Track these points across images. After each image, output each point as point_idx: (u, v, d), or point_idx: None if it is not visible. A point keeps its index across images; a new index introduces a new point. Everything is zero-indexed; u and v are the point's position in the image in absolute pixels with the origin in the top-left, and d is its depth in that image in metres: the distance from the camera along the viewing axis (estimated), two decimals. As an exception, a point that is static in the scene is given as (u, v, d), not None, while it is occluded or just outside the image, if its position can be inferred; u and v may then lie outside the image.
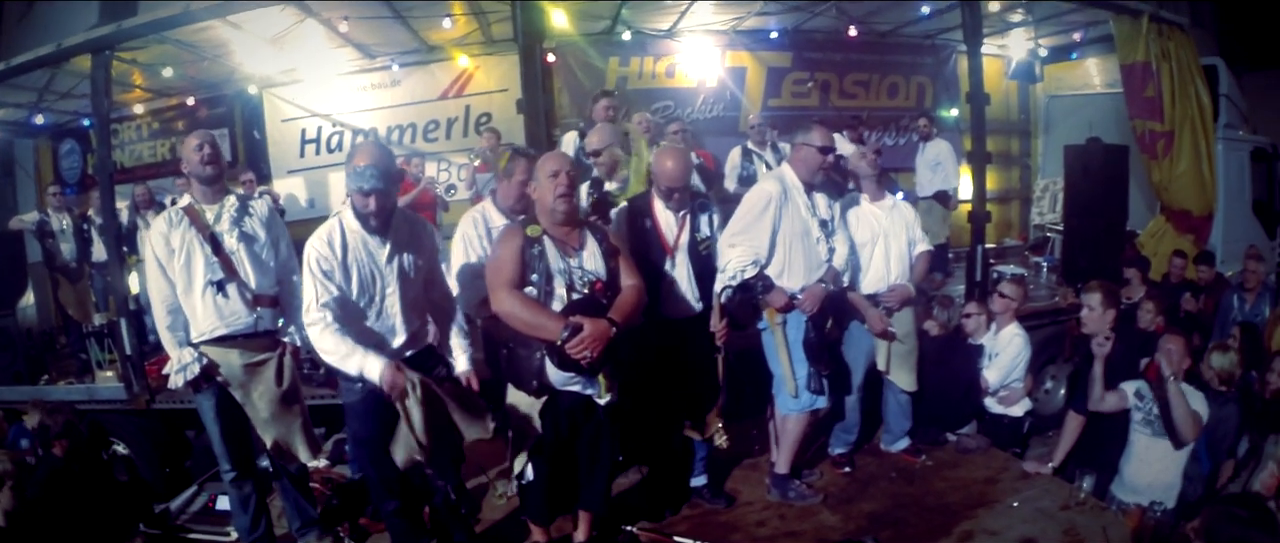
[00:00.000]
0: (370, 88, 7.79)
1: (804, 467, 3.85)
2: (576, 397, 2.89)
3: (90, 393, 5.93)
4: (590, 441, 3.02)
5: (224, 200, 3.27)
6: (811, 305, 3.41)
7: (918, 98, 8.54)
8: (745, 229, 3.37)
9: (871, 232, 3.83)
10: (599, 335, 2.65)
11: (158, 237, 3.17)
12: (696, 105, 8.18)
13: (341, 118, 7.83)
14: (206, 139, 3.26)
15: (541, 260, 2.78)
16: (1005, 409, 4.55)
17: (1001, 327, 4.56)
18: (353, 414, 3.01)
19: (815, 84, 8.24)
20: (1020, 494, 3.61)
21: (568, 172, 2.79)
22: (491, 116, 7.59)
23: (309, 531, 3.56)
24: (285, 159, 8.00)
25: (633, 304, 2.82)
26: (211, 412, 3.30)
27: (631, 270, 2.91)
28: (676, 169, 3.29)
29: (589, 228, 2.94)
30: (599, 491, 3.14)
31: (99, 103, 5.73)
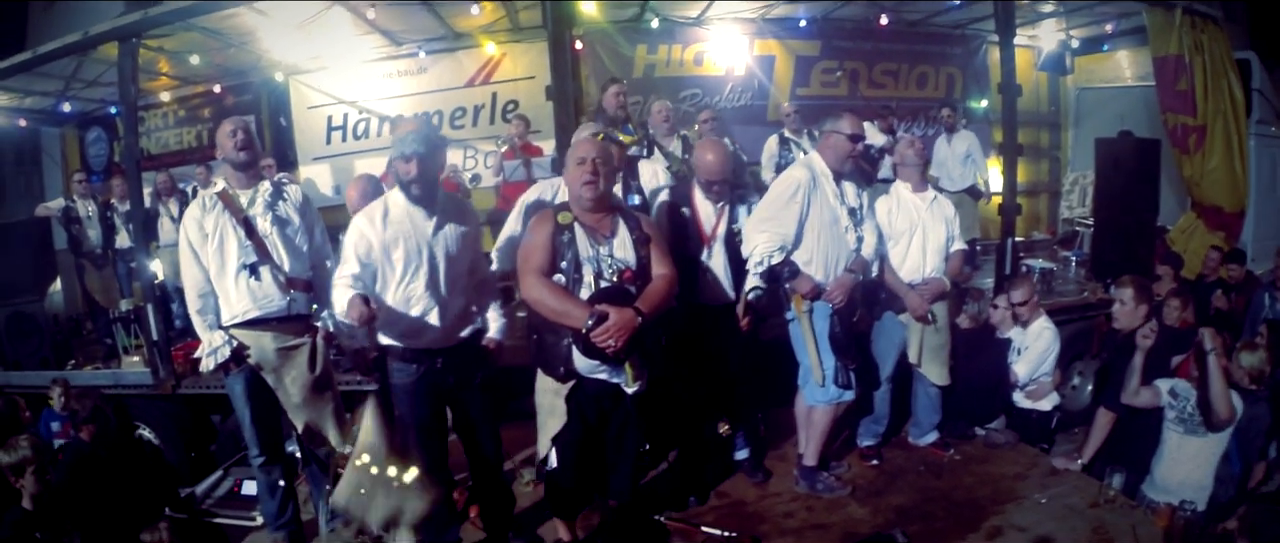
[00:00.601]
0: (397, 75, 7.77)
1: (831, 459, 3.82)
2: (603, 385, 2.84)
3: (116, 378, 5.98)
4: (617, 429, 2.98)
5: (258, 185, 3.29)
6: (840, 296, 3.37)
7: (947, 88, 8.42)
8: (772, 215, 3.34)
9: (910, 222, 3.78)
10: (624, 325, 2.60)
11: (191, 222, 3.20)
12: (724, 94, 8.12)
13: (368, 105, 7.81)
14: (240, 125, 3.27)
15: (571, 247, 2.75)
16: (1033, 404, 4.48)
17: (1030, 321, 4.50)
18: (403, 397, 3.04)
19: (844, 73, 8.16)
20: (1048, 491, 3.56)
21: (594, 159, 2.75)
22: (518, 104, 7.54)
23: (336, 517, 3.55)
24: (311, 146, 8.02)
25: (661, 294, 2.75)
26: (242, 395, 3.31)
27: (664, 259, 2.84)
28: (716, 162, 3.36)
29: (623, 215, 2.88)
30: (625, 480, 3.10)
31: (126, 90, 5.77)
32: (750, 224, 3.38)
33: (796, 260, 3.36)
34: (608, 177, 2.79)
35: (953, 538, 3.21)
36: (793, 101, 7.13)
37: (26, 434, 3.64)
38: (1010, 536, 3.20)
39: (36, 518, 3.40)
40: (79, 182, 7.41)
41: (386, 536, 3.36)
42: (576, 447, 2.94)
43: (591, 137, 2.97)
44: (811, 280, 3.36)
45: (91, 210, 7.19)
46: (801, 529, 3.37)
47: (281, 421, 3.44)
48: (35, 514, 3.40)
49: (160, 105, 8.83)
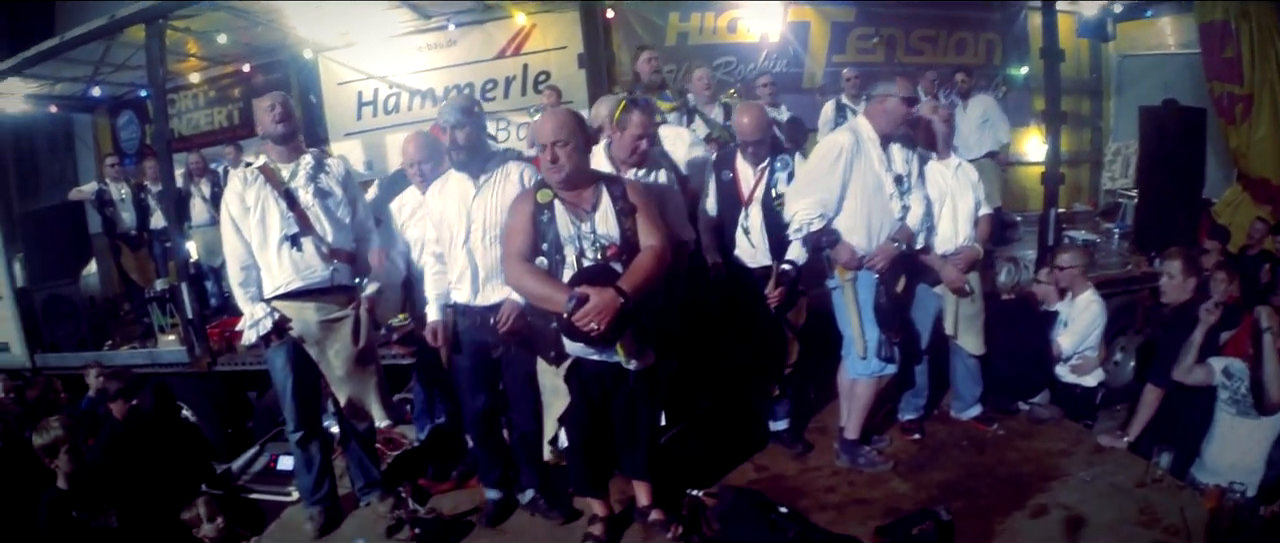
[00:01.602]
0: (426, 48, 7.68)
1: (873, 433, 3.73)
2: (602, 364, 2.78)
3: (153, 357, 6.07)
4: (624, 407, 2.91)
5: (299, 158, 3.29)
6: (882, 262, 3.29)
7: (986, 54, 8.18)
8: (814, 180, 3.27)
9: (939, 191, 3.67)
10: (603, 307, 2.50)
11: (232, 196, 3.21)
12: (758, 61, 7.92)
13: (398, 79, 7.75)
14: (278, 98, 3.27)
15: (551, 227, 2.69)
16: (1077, 378, 4.38)
17: (1076, 293, 4.38)
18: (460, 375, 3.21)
19: (881, 39, 7.94)
20: (1094, 469, 3.45)
21: (552, 143, 2.64)
22: (550, 74, 7.39)
23: (371, 491, 3.58)
24: (342, 122, 8.00)
25: (645, 269, 2.62)
26: (283, 368, 3.31)
27: (653, 229, 2.70)
28: (751, 124, 3.37)
29: (608, 184, 2.76)
30: (641, 458, 3.04)
31: (154, 72, 5.81)
32: (791, 189, 3.32)
33: (838, 228, 3.28)
34: (571, 155, 2.65)
35: (997, 516, 3.12)
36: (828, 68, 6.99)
37: (58, 415, 3.67)
38: (1056, 514, 3.11)
39: (73, 497, 3.45)
40: (111, 165, 7.54)
41: (420, 508, 3.41)
42: (583, 426, 2.91)
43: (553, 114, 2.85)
44: (851, 249, 3.28)
45: (125, 193, 7.30)
46: (843, 504, 3.30)
47: (319, 396, 3.45)
48: (71, 493, 3.45)
49: (190, 87, 8.89)
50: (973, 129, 6.53)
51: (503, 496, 3.41)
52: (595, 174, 2.82)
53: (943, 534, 2.95)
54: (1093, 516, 3.05)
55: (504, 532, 3.32)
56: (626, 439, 2.99)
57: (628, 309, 2.53)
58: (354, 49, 7.81)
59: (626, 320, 2.56)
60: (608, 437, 2.99)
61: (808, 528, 3.02)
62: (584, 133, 2.75)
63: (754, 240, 3.45)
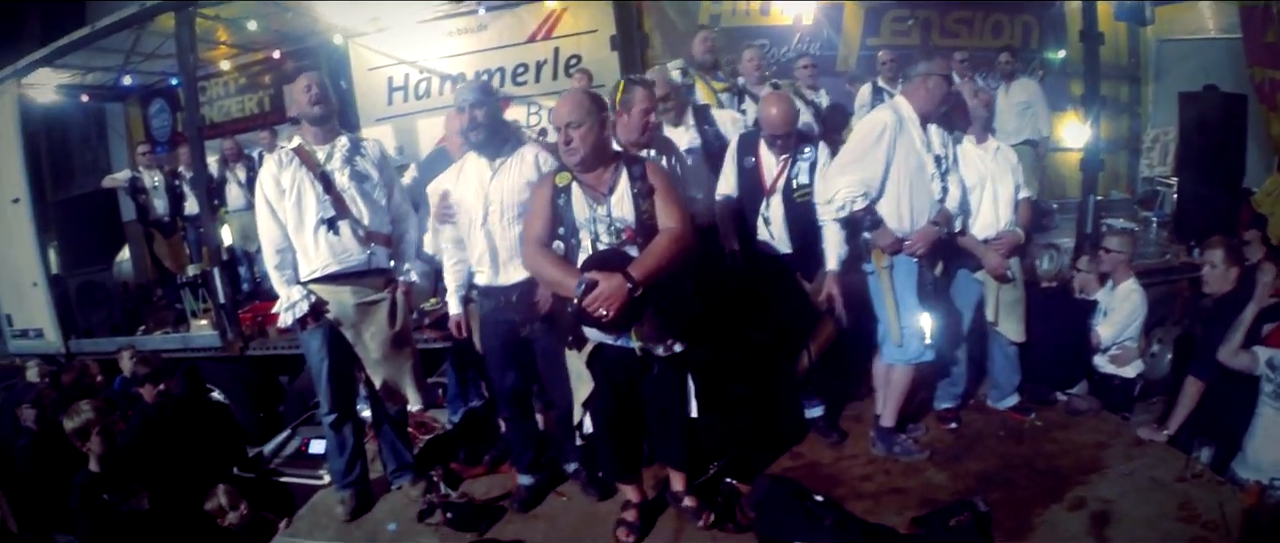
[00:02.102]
0: (456, 33, 7.65)
1: (909, 421, 3.68)
2: (624, 349, 2.73)
3: (185, 342, 6.15)
4: (653, 394, 2.87)
5: (335, 141, 3.28)
6: (921, 246, 3.23)
7: (1023, 37, 7.99)
8: (857, 159, 3.20)
9: (978, 175, 3.60)
10: (612, 294, 2.45)
11: (268, 178, 3.21)
12: (792, 44, 7.81)
13: (429, 64, 7.73)
14: (314, 79, 3.25)
15: (568, 210, 2.66)
16: (1116, 369, 4.29)
17: (1118, 282, 4.29)
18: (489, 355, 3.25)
19: (916, 22, 7.81)
20: (1133, 462, 3.36)
21: (567, 125, 2.60)
22: (581, 58, 7.31)
23: (403, 474, 3.59)
24: (373, 108, 8.00)
25: (659, 254, 2.54)
26: (319, 351, 3.32)
27: (672, 212, 2.62)
28: (779, 115, 3.31)
29: (627, 164, 2.70)
30: (675, 446, 3.00)
31: (185, 59, 5.86)
32: (832, 169, 3.26)
33: (879, 210, 3.22)
34: (585, 136, 2.61)
35: (1035, 508, 3.05)
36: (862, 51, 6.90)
37: (89, 399, 3.71)
38: (1094, 507, 3.03)
39: (104, 479, 3.49)
40: (143, 152, 7.61)
41: (452, 492, 3.41)
42: (608, 411, 2.88)
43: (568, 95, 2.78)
44: (892, 234, 3.22)
45: (158, 180, 7.38)
46: (879, 493, 3.25)
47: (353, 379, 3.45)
48: (103, 476, 3.50)
49: (221, 74, 8.98)
50: (1013, 114, 6.40)
51: (535, 480, 3.40)
52: (615, 155, 2.76)
53: (980, 526, 2.89)
54: (1131, 510, 2.98)
55: (536, 517, 3.31)
56: (658, 426, 2.96)
57: (637, 296, 2.47)
58: (384, 34, 7.80)
59: (638, 307, 2.51)
60: (638, 422, 2.95)
61: (843, 517, 2.97)
62: (601, 114, 2.69)
63: (774, 232, 3.42)
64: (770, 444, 3.58)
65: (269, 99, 9.00)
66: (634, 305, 2.48)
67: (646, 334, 2.65)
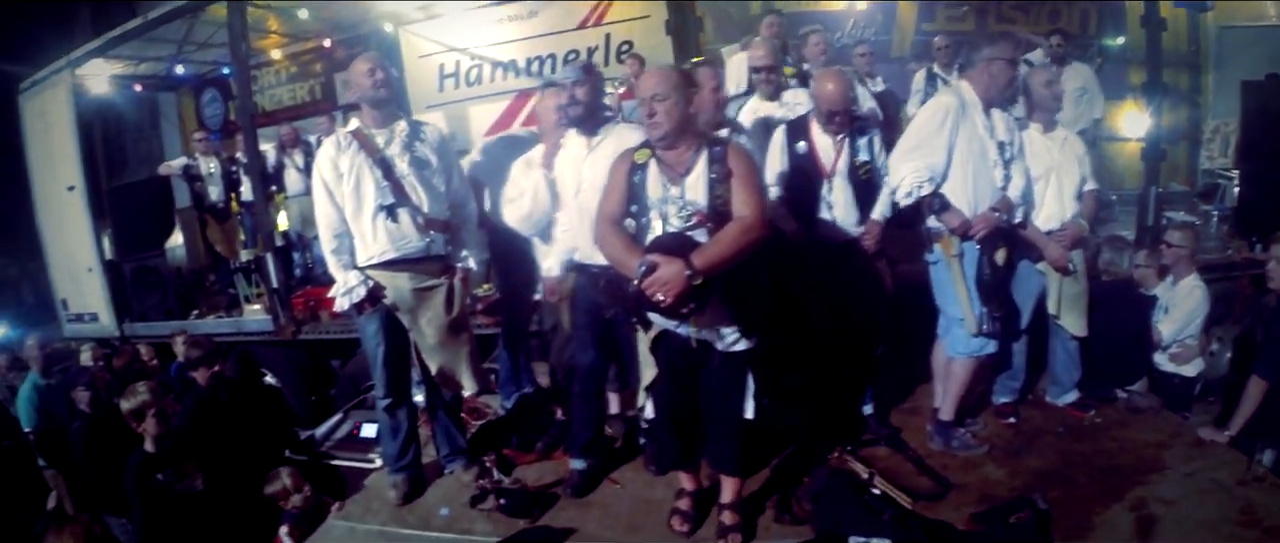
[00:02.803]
0: (507, 20, 7.64)
1: (966, 415, 3.60)
2: (687, 339, 2.66)
3: (238, 326, 6.26)
4: (707, 387, 2.79)
5: (394, 125, 3.25)
6: (982, 230, 3.15)
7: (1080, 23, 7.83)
8: (921, 144, 3.14)
9: (1043, 166, 3.50)
10: (670, 280, 2.37)
11: (325, 161, 3.19)
12: (846, 29, 7.78)
13: (479, 51, 7.73)
14: (378, 62, 3.21)
15: (642, 188, 2.60)
16: (1177, 368, 4.17)
17: (1179, 277, 4.16)
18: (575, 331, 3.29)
19: (971, 8, 7.73)
20: (1193, 463, 3.27)
21: (650, 97, 2.54)
22: (633, 44, 7.26)
23: (456, 459, 3.61)
24: (425, 95, 8.01)
25: (726, 244, 2.44)
26: (375, 336, 3.33)
27: (747, 200, 2.50)
28: (836, 91, 3.22)
29: (709, 145, 2.60)
30: (725, 450, 2.90)
31: (237, 47, 5.95)
32: (896, 154, 3.20)
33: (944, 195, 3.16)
34: (670, 110, 2.53)
35: (1095, 507, 2.98)
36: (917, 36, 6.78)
37: (145, 381, 3.75)
38: (1154, 508, 2.95)
39: (159, 460, 3.53)
40: (199, 139, 7.75)
41: (505, 478, 3.43)
42: (668, 398, 2.84)
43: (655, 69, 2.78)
44: (961, 215, 3.15)
45: (213, 167, 7.51)
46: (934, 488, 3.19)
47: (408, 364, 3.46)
48: (158, 456, 3.53)
49: (272, 63, 9.13)
50: (1069, 102, 6.22)
51: (588, 465, 3.39)
52: (699, 135, 2.66)
53: (1040, 524, 2.83)
54: (1191, 512, 2.90)
55: (590, 504, 3.31)
56: (711, 424, 2.88)
57: (697, 284, 2.38)
58: (435, 22, 7.82)
59: (697, 295, 2.42)
60: (697, 413, 2.88)
61: (902, 511, 2.93)
62: (688, 89, 2.61)
63: (838, 215, 3.34)
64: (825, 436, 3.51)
65: (320, 87, 9.12)
66: (692, 294, 2.41)
67: (705, 325, 2.60)
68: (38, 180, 7.82)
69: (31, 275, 18.56)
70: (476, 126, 7.76)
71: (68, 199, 7.36)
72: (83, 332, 7.56)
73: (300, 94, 9.28)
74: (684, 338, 2.66)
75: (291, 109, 9.21)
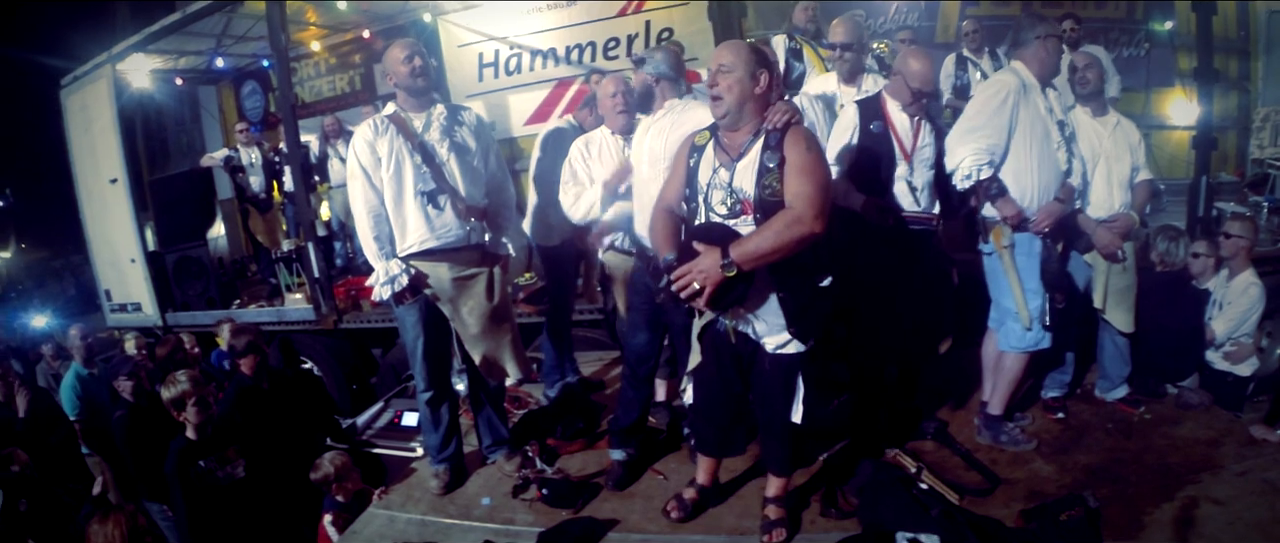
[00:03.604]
0: (545, 8, 7.60)
1: (1015, 410, 3.54)
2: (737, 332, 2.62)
3: (280, 315, 6.33)
4: (758, 390, 2.73)
5: (432, 110, 3.21)
6: (1047, 223, 3.07)
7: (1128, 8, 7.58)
8: (980, 125, 3.05)
9: (1092, 152, 3.40)
10: (703, 271, 2.28)
11: (362, 145, 3.13)
12: (890, 14, 7.63)
13: (519, 40, 7.69)
14: (415, 48, 3.17)
15: (696, 171, 2.51)
16: (1231, 367, 4.06)
17: (1235, 272, 4.04)
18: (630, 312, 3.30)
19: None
20: (1246, 462, 3.17)
21: (717, 69, 2.43)
22: (673, 31, 7.18)
23: (499, 449, 3.61)
24: (464, 84, 7.99)
25: (768, 237, 2.29)
26: (415, 327, 3.31)
27: (800, 191, 2.32)
28: (925, 69, 3.11)
29: (769, 133, 2.42)
30: (774, 449, 2.85)
31: (276, 38, 5.99)
32: (954, 136, 3.11)
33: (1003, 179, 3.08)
34: (733, 86, 2.41)
35: (1146, 506, 2.91)
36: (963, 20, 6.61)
37: (186, 369, 3.76)
38: (1206, 508, 2.88)
39: (201, 447, 3.56)
40: (241, 131, 7.83)
41: (547, 468, 3.44)
42: (708, 386, 2.81)
43: (728, 42, 2.68)
44: (1016, 205, 3.06)
45: (254, 158, 7.60)
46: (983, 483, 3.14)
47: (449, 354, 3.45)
48: (200, 443, 3.56)
49: (310, 55, 9.19)
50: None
51: (628, 457, 3.39)
52: (763, 117, 2.48)
53: (1091, 522, 2.77)
54: (1244, 512, 2.82)
55: (632, 495, 3.31)
56: (762, 425, 2.84)
57: (732, 276, 2.28)
58: (474, 11, 7.77)
59: (734, 289, 2.33)
60: (737, 407, 2.83)
61: (950, 507, 2.89)
62: (759, 65, 2.45)
63: (921, 198, 3.22)
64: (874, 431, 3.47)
65: (360, 78, 9.18)
66: (728, 287, 2.31)
67: (743, 320, 2.55)
68: (80, 174, 7.94)
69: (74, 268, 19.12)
70: (516, 116, 7.78)
71: (110, 192, 7.49)
72: (126, 321, 7.74)
73: (340, 85, 9.35)
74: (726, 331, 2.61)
75: (331, 100, 9.28)
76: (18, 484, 3.95)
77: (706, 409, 2.89)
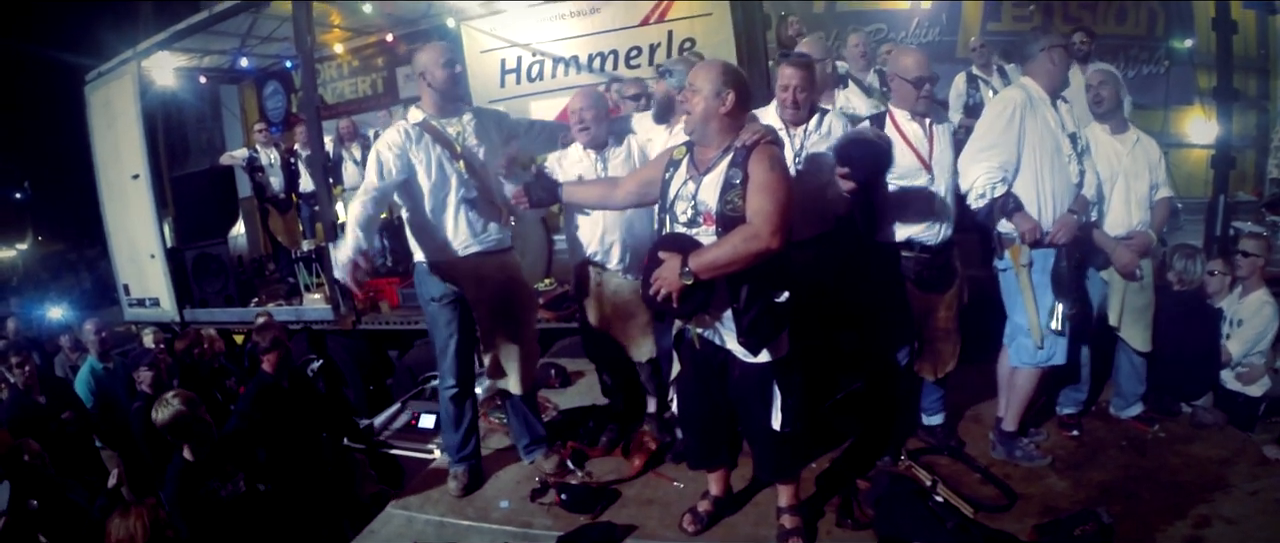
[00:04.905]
0: (569, 16, 7.63)
1: (1029, 425, 3.55)
2: (706, 341, 2.68)
3: (299, 315, 6.39)
4: (736, 400, 2.77)
5: (462, 115, 3.26)
6: (1063, 236, 3.07)
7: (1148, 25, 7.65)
8: (992, 143, 3.05)
9: (1110, 169, 3.41)
10: (664, 278, 2.41)
11: (392, 147, 3.12)
12: (910, 29, 7.70)
13: (541, 47, 7.76)
14: (454, 53, 3.22)
15: (668, 184, 2.61)
16: (1243, 387, 4.06)
17: (1248, 291, 4.05)
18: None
19: (1037, 7, 7.56)
20: (1258, 481, 3.18)
21: (688, 86, 2.53)
22: (695, 41, 7.15)
23: (537, 448, 3.63)
24: (486, 90, 8.01)
25: (724, 249, 2.38)
26: (449, 325, 3.35)
27: (758, 208, 2.39)
28: (918, 58, 3.13)
29: (737, 151, 2.48)
30: (764, 458, 2.88)
31: (302, 40, 6.07)
32: (966, 155, 3.11)
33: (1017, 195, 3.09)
34: (700, 104, 2.49)
35: (1159, 523, 2.93)
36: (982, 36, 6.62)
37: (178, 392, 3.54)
38: (1217, 527, 2.90)
39: (200, 468, 3.41)
40: (260, 131, 7.92)
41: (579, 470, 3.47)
42: (690, 397, 2.85)
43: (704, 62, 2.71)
44: (1032, 219, 3.07)
45: (274, 158, 7.69)
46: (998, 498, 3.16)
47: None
48: (197, 464, 3.40)
49: (334, 57, 9.28)
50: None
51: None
52: (733, 136, 2.54)
53: (1104, 538, 2.80)
54: (1255, 532, 2.84)
55: (651, 502, 3.33)
56: (746, 433, 2.88)
57: (690, 285, 2.39)
58: (497, 17, 7.83)
59: (695, 296, 2.43)
60: (721, 414, 2.86)
61: (965, 520, 2.92)
62: (727, 86, 2.50)
63: (941, 209, 3.19)
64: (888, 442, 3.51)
65: (382, 81, 9.27)
66: (687, 294, 2.41)
67: (708, 328, 2.62)
68: (102, 168, 8.06)
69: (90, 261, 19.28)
70: (538, 123, 7.79)
71: (132, 187, 7.60)
72: (143, 316, 7.83)
73: (362, 88, 9.45)
74: (704, 340, 2.68)
75: (353, 103, 9.38)
76: (29, 476, 3.90)
77: (688, 419, 2.93)
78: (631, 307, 3.46)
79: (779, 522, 2.94)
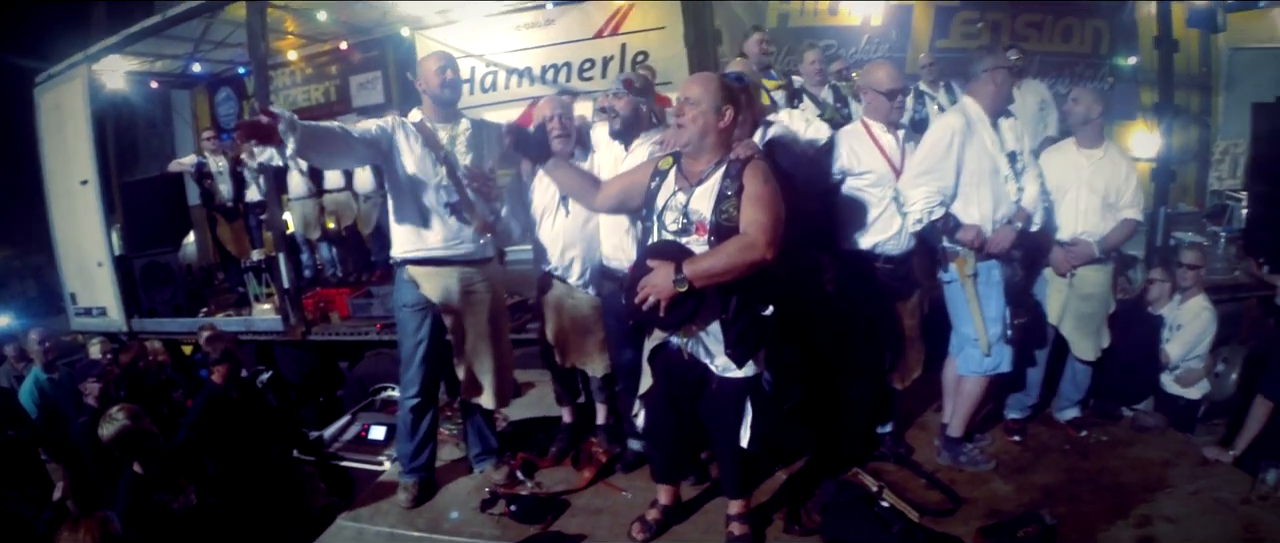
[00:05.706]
0: (523, 27, 7.66)
1: (975, 430, 3.61)
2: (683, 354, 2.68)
3: (248, 325, 6.27)
4: (707, 414, 2.77)
5: (458, 124, 3.27)
6: (1001, 245, 3.15)
7: (1093, 43, 7.88)
8: (930, 168, 3.12)
9: (1064, 179, 3.50)
10: (655, 285, 2.40)
11: (376, 121, 3.18)
12: (861, 45, 7.81)
13: (495, 58, 7.75)
14: (450, 62, 3.24)
15: (655, 193, 2.62)
16: (1182, 390, 4.21)
17: (1187, 298, 4.19)
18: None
19: (985, 24, 7.76)
20: (1198, 482, 3.28)
21: (685, 100, 2.54)
22: (649, 54, 7.25)
23: (488, 458, 3.61)
24: None
25: (720, 257, 2.40)
26: (417, 333, 3.31)
27: (754, 219, 2.43)
28: (889, 70, 3.21)
29: (729, 163, 2.53)
30: (726, 473, 2.91)
31: (256, 47, 5.99)
32: (905, 180, 3.17)
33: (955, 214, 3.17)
34: (697, 118, 2.51)
35: (1100, 523, 3.00)
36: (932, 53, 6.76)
37: (123, 405, 3.47)
38: (1159, 526, 2.97)
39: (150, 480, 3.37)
40: (208, 138, 7.75)
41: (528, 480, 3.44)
42: (658, 411, 2.84)
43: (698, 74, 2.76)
44: (977, 229, 3.14)
45: (222, 166, 7.54)
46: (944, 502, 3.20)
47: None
48: (147, 477, 3.36)
49: (288, 64, 9.16)
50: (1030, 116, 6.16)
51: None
52: (726, 150, 2.59)
53: (1047, 539, 2.86)
54: (1195, 530, 2.93)
55: (600, 511, 3.31)
56: (715, 448, 2.89)
57: (683, 292, 2.38)
58: (452, 27, 7.82)
59: (686, 304, 2.42)
60: (688, 430, 2.86)
61: (910, 525, 2.95)
62: (726, 101, 2.55)
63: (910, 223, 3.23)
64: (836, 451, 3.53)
65: (335, 89, 9.19)
66: (678, 302, 2.41)
67: (694, 338, 2.62)
68: (51, 174, 7.84)
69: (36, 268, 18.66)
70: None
71: (80, 193, 7.40)
72: (91, 325, 7.61)
73: (315, 96, 9.34)
74: (677, 352, 2.67)
75: (306, 111, 9.16)
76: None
77: (658, 434, 2.92)
78: (589, 322, 3.46)
79: (727, 529, 2.94)
